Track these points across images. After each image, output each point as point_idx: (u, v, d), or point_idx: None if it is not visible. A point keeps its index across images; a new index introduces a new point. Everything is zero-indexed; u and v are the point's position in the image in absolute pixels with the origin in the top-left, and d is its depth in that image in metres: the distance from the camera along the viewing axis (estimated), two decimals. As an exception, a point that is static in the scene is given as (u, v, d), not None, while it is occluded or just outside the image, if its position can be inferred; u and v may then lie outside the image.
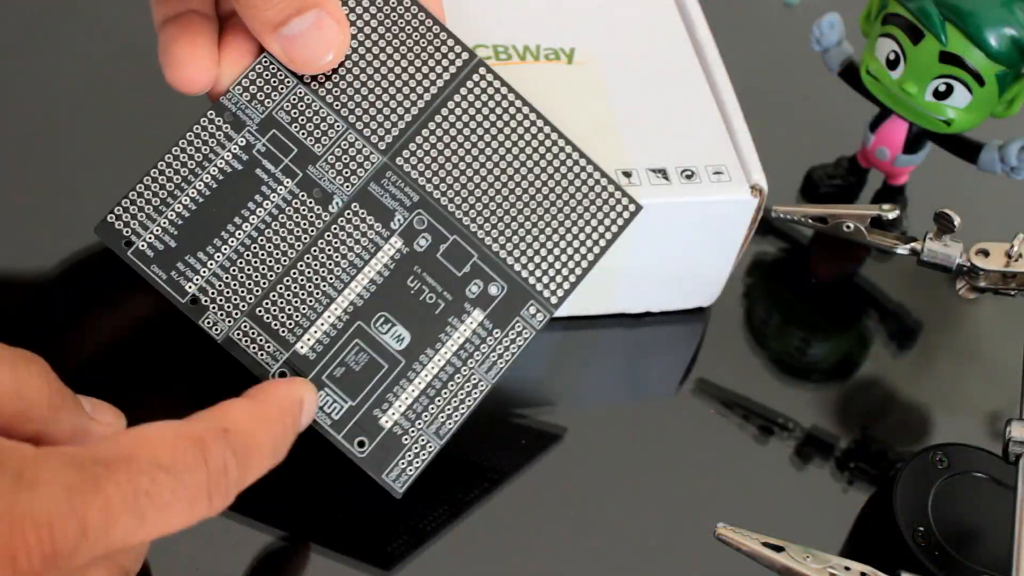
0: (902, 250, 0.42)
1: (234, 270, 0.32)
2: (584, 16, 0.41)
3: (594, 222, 0.34)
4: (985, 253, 0.40)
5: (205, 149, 0.33)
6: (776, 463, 0.39)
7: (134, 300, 0.38)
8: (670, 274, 0.40)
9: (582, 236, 0.34)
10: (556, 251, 0.34)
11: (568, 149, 0.34)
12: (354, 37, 0.34)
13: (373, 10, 0.34)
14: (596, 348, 0.41)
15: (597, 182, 0.34)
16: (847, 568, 0.32)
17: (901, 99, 0.42)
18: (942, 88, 0.40)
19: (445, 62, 0.34)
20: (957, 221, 0.40)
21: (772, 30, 0.54)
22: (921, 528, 0.35)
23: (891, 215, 0.42)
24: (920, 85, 0.41)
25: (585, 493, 0.37)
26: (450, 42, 0.34)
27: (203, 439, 0.26)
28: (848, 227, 0.43)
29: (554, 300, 0.33)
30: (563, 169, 0.34)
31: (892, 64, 0.41)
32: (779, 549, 0.32)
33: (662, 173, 0.37)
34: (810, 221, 0.44)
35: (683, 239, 0.38)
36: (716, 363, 0.41)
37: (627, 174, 0.37)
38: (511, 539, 0.36)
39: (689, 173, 0.37)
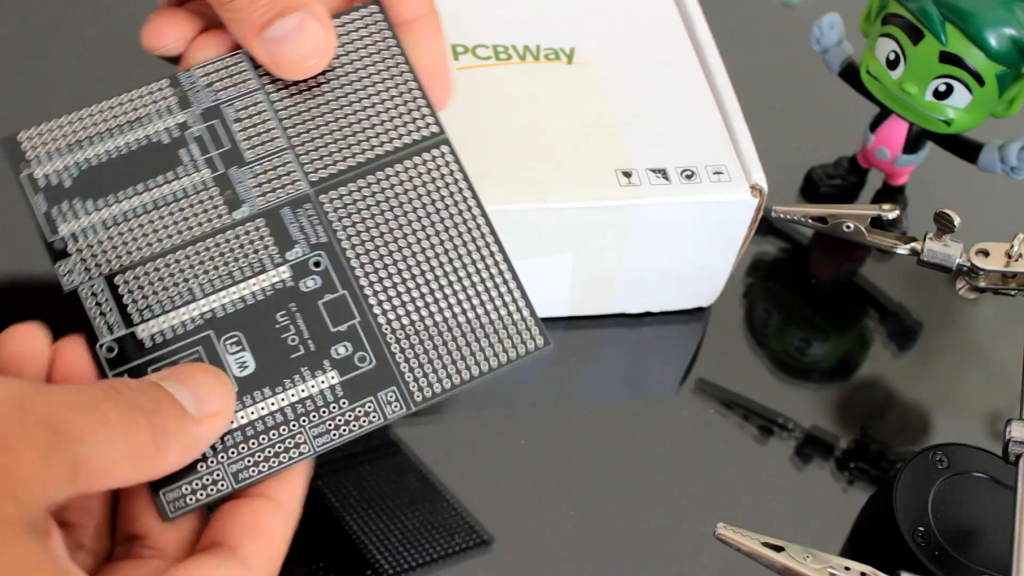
0: (902, 250, 0.42)
1: (113, 231, 0.31)
2: (584, 16, 0.41)
3: (494, 342, 0.31)
4: (985, 253, 0.40)
5: (143, 112, 0.32)
6: (776, 463, 0.39)
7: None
8: (670, 274, 0.40)
9: (475, 350, 0.31)
10: (443, 353, 0.31)
11: (501, 262, 0.32)
12: (333, 70, 0.33)
13: (361, 50, 0.33)
14: (597, 348, 0.41)
15: (515, 303, 0.31)
16: (847, 568, 0.32)
17: (901, 99, 0.42)
18: (942, 88, 0.41)
19: (412, 126, 0.33)
20: (957, 221, 0.40)
21: (772, 30, 0.54)
22: (921, 528, 0.35)
23: (891, 215, 0.42)
24: (920, 85, 0.41)
25: (585, 493, 0.37)
26: (425, 110, 0.33)
27: None
28: (848, 227, 0.43)
29: (418, 398, 0.30)
30: (486, 277, 0.31)
31: (892, 64, 0.41)
32: (779, 549, 0.32)
33: (662, 173, 0.37)
34: (810, 221, 0.44)
35: (683, 239, 0.38)
36: (716, 363, 0.41)
37: (627, 174, 0.37)
38: (511, 539, 0.36)
39: (689, 173, 0.37)
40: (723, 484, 0.38)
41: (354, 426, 0.30)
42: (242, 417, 0.30)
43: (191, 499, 0.29)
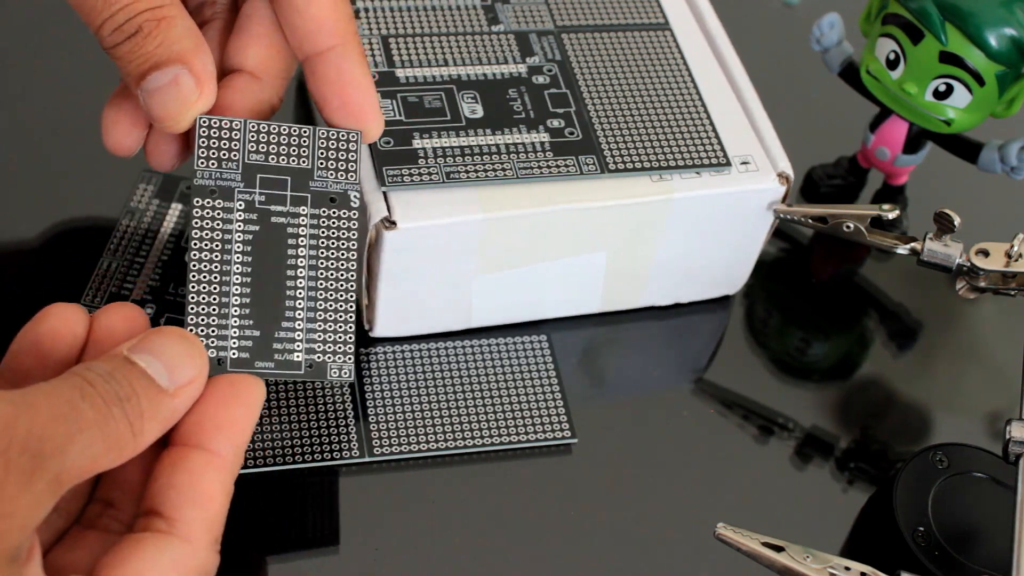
0: (902, 250, 0.42)
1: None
2: None
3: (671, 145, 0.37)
4: (985, 253, 0.40)
5: (218, 234, 0.31)
6: (776, 463, 0.39)
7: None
8: (699, 265, 0.40)
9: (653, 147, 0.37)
10: (633, 138, 0.38)
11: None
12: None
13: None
14: (598, 346, 0.41)
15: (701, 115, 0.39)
16: (847, 568, 0.32)
17: (901, 99, 0.42)
18: (942, 88, 0.40)
19: None
20: (957, 221, 0.40)
21: (772, 30, 0.54)
22: (921, 528, 0.35)
23: (891, 215, 0.42)
24: (920, 85, 0.41)
25: (585, 492, 0.37)
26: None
27: None
28: (848, 227, 0.43)
29: (612, 167, 0.37)
30: (675, 95, 0.39)
31: (892, 64, 0.41)
32: (779, 549, 0.32)
33: None
34: (810, 221, 0.43)
35: (713, 230, 0.39)
36: (716, 363, 0.41)
37: None
38: (510, 538, 0.36)
39: None
40: (723, 484, 0.38)
41: (548, 173, 0.36)
42: (464, 142, 0.36)
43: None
